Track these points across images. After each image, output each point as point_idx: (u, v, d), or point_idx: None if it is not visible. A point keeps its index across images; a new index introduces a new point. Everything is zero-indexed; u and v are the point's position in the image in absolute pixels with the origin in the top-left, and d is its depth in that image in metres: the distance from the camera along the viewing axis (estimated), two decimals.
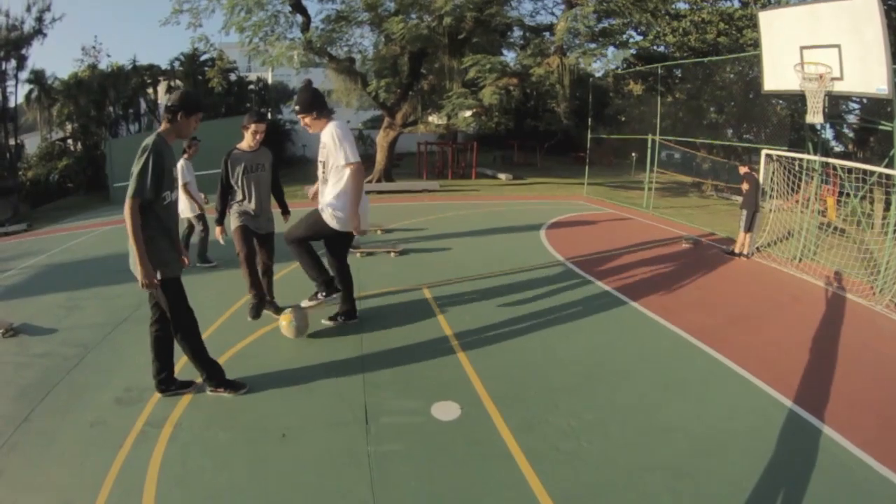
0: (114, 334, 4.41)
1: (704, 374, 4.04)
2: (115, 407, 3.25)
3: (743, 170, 8.53)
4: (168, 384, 3.36)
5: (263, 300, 4.45)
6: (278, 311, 4.61)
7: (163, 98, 24.95)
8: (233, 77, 24.15)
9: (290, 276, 5.87)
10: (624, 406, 3.50)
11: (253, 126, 4.21)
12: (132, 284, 5.58)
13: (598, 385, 3.77)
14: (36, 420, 3.12)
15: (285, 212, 4.71)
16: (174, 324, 3.18)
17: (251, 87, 25.98)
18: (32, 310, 5.05)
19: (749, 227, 7.86)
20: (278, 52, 13.09)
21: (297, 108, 3.81)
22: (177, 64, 24.19)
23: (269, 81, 27.36)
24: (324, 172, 3.97)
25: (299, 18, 13.64)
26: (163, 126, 3.05)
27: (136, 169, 2.87)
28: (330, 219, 3.97)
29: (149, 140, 2.93)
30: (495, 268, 6.44)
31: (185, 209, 6.14)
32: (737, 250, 8.06)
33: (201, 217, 6.34)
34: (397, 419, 3.20)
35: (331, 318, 4.56)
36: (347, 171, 3.82)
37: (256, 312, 4.37)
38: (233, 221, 4.30)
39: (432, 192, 13.85)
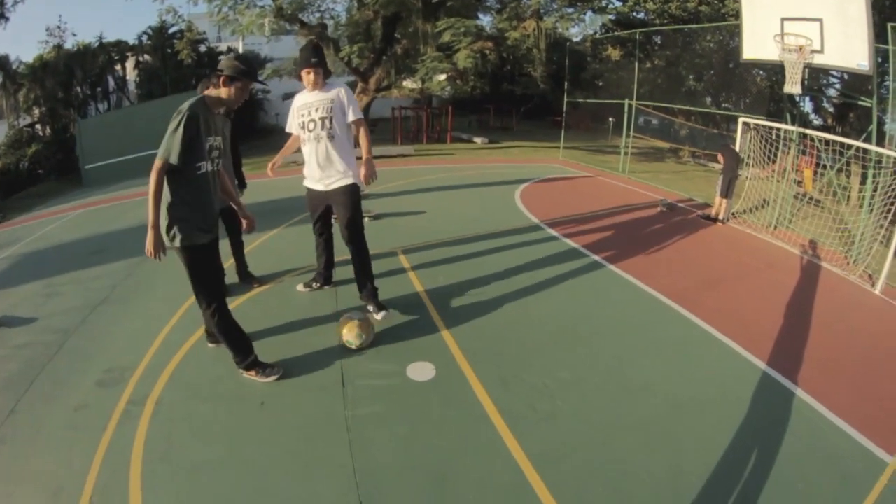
0: (92, 317, 4.36)
1: (680, 336, 4.12)
2: (97, 389, 3.24)
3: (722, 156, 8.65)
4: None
5: None
6: (255, 280, 4.77)
7: (131, 74, 24.17)
8: (203, 48, 23.31)
9: (263, 245, 5.83)
10: (599, 366, 3.58)
11: None
12: (107, 266, 5.60)
13: (573, 345, 3.84)
14: (22, 411, 3.09)
15: (242, 184, 4.69)
16: (195, 291, 3.05)
17: (222, 57, 25.15)
18: (12, 300, 4.94)
19: (725, 193, 8.02)
20: (248, 20, 12.72)
21: (314, 60, 3.69)
22: (145, 38, 23.33)
23: (241, 51, 26.61)
24: (330, 129, 3.78)
25: None
26: (208, 90, 2.93)
27: (167, 132, 2.71)
28: (356, 178, 3.93)
29: (185, 103, 2.74)
30: (470, 231, 6.45)
31: None
32: (713, 214, 8.22)
33: None
34: (373, 382, 3.24)
35: (306, 285, 4.62)
36: (354, 127, 3.87)
37: None
38: None
39: (407, 157, 13.63)
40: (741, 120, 8.45)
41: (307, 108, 3.82)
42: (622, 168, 12.17)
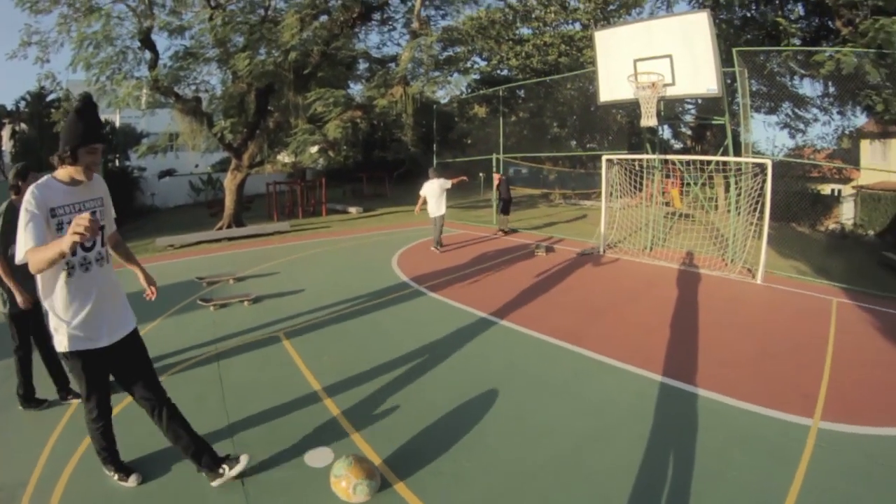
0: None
1: (575, 372, 4.18)
2: None
3: (496, 177, 11.80)
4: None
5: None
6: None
7: (7, 144, 21.52)
8: None
9: None
10: (499, 416, 3.50)
11: None
12: None
13: (469, 401, 3.74)
14: None
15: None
16: None
17: None
18: None
19: (503, 211, 11.26)
20: (125, 91, 11.99)
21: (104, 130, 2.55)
22: (23, 104, 21.05)
23: (117, 125, 24.70)
24: (102, 246, 2.50)
25: (148, 55, 12.65)
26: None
27: None
28: None
29: None
30: (351, 303, 6.24)
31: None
32: (501, 227, 11.06)
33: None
34: (273, 475, 2.93)
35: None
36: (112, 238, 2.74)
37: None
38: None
39: (283, 234, 13.12)
40: (604, 157, 9.12)
41: (75, 212, 2.32)
42: (496, 220, 12.63)
